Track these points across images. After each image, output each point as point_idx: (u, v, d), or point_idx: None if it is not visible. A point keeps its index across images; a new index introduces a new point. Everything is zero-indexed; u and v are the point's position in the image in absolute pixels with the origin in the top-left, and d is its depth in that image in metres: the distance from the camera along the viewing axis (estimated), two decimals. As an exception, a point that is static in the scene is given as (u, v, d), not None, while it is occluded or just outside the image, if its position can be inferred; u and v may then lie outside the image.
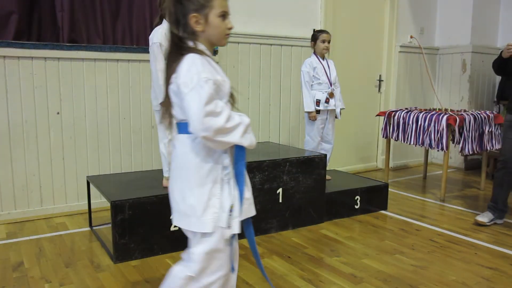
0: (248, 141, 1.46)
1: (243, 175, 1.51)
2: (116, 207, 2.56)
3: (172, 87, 1.46)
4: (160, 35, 2.77)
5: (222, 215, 1.47)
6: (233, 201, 1.49)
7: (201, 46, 1.48)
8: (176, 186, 1.53)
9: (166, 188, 2.94)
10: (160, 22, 2.89)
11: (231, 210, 1.48)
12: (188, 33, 1.47)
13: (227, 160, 1.49)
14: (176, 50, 1.47)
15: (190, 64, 1.40)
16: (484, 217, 3.30)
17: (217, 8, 1.45)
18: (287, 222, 3.18)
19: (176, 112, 1.50)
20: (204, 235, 1.48)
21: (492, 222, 3.32)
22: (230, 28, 1.51)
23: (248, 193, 1.55)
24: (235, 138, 1.42)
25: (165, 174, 3.03)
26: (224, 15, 1.47)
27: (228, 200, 1.48)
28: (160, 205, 2.69)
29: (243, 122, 1.44)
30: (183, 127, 1.50)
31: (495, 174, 3.33)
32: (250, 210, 1.56)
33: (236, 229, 1.49)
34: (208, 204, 1.46)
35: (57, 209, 3.46)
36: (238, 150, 1.49)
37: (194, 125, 1.36)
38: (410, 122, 4.15)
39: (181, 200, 1.50)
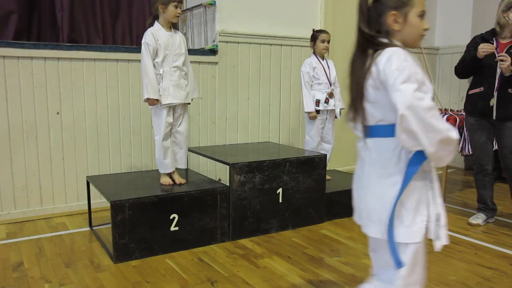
0: (443, 153, 1.27)
1: (409, 181, 1.35)
2: (116, 207, 2.56)
3: (370, 82, 1.37)
4: (147, 35, 2.84)
5: (430, 225, 1.37)
6: (439, 209, 1.37)
7: (397, 43, 1.39)
8: (373, 195, 1.41)
9: (164, 186, 2.94)
10: (152, 23, 2.90)
11: (437, 220, 1.38)
12: (382, 32, 1.39)
13: (428, 164, 1.36)
14: (370, 47, 1.39)
15: (391, 54, 1.31)
16: (478, 219, 3.30)
17: (418, 6, 1.36)
18: (287, 222, 3.18)
19: (372, 112, 1.40)
20: (406, 246, 1.36)
21: (485, 222, 3.33)
22: (426, 29, 1.41)
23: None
24: (432, 140, 1.24)
25: (166, 171, 3.02)
26: (423, 14, 1.38)
27: (434, 208, 1.38)
28: (160, 205, 2.69)
29: (451, 134, 1.26)
30: (382, 130, 1.40)
31: (475, 177, 3.33)
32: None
33: (444, 239, 1.38)
34: (417, 212, 1.35)
35: (57, 209, 3.46)
36: (418, 155, 1.33)
37: (398, 99, 1.24)
38: (410, 122, 4.14)
39: (382, 209, 1.37)
